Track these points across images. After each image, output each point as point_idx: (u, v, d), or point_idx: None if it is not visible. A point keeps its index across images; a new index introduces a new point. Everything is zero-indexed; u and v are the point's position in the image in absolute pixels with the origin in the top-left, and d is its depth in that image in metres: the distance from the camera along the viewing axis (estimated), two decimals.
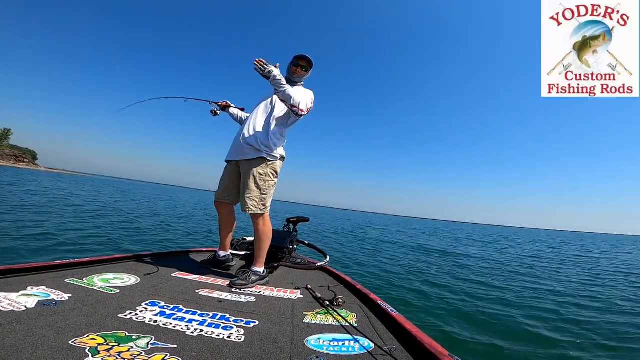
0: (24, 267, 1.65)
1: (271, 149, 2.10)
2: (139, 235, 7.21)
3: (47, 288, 1.46)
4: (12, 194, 11.57)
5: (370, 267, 6.66)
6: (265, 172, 2.10)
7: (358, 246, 10.34)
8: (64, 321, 1.14)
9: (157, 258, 2.42)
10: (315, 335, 1.28)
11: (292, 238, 2.96)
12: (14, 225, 5.90)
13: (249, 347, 1.12)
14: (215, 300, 1.63)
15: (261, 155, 2.09)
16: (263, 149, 2.09)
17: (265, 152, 2.09)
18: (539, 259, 11.65)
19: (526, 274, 7.54)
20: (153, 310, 1.38)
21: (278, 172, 2.19)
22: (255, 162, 2.10)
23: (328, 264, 2.70)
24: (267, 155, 2.10)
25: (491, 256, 11.21)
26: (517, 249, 15.97)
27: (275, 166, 2.15)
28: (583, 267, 9.94)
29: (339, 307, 1.65)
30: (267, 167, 2.11)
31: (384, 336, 1.33)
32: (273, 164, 2.13)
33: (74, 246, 5.18)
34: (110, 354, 0.95)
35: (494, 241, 20.72)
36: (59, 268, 1.79)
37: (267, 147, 2.09)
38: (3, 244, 4.56)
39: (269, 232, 2.14)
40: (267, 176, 2.11)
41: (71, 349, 0.95)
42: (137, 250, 5.58)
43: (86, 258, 2.02)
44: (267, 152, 2.10)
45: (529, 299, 5.01)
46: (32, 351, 0.91)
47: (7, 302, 1.23)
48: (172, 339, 1.11)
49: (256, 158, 2.10)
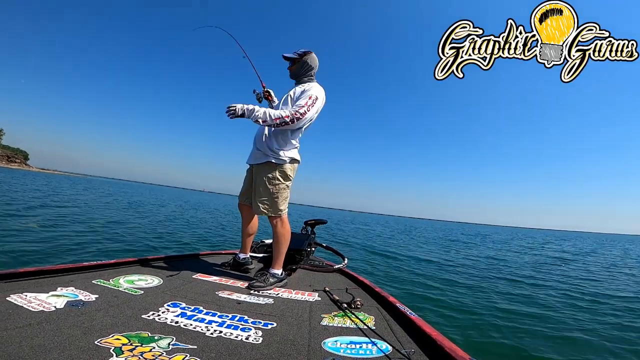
0: (54, 268, 1.73)
1: (278, 152, 2.10)
2: None
3: (75, 289, 1.53)
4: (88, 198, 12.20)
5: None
6: (273, 175, 2.11)
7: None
8: (90, 321, 1.19)
9: (179, 260, 2.49)
10: (332, 337, 1.27)
11: (310, 240, 2.96)
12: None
13: (267, 349, 1.13)
14: (234, 302, 1.65)
15: (269, 159, 2.11)
16: (269, 153, 2.11)
17: (272, 156, 2.11)
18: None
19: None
20: (174, 311, 1.42)
21: (289, 175, 2.15)
22: (264, 166, 2.14)
23: (346, 267, 2.68)
24: (275, 159, 2.10)
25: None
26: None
27: (284, 169, 2.12)
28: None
29: (356, 309, 1.63)
30: (276, 170, 2.11)
31: (402, 339, 1.30)
32: (282, 167, 2.12)
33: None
34: (133, 354, 0.98)
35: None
36: (87, 269, 1.88)
37: (273, 151, 2.11)
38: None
39: (287, 234, 2.15)
40: (276, 179, 2.11)
41: (97, 349, 0.98)
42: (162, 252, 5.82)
43: (112, 260, 2.10)
44: (274, 155, 2.11)
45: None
46: (59, 351, 0.95)
47: (37, 303, 1.29)
48: (192, 340, 1.14)
49: (265, 162, 2.13)
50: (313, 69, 2.26)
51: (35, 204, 10.43)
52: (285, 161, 2.12)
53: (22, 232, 5.84)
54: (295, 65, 2.25)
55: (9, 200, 10.45)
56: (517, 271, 8.21)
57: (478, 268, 8.32)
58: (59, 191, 19.42)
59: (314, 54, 2.26)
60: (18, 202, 10.26)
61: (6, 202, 9.83)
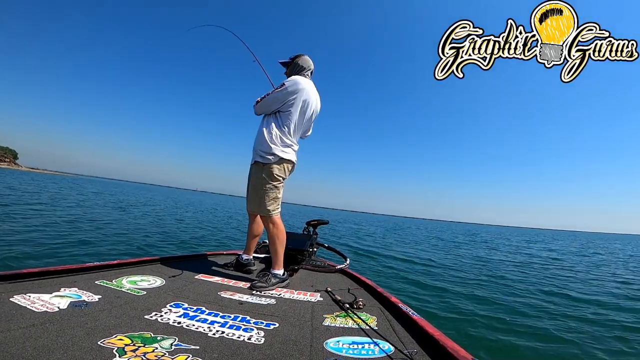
0: (58, 269, 1.74)
1: (264, 152, 2.12)
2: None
3: (78, 289, 1.53)
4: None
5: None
6: (260, 175, 2.13)
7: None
8: (93, 322, 1.19)
9: (181, 260, 2.50)
10: (334, 338, 1.28)
11: (312, 241, 2.96)
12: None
13: (269, 349, 1.13)
14: (236, 302, 1.66)
15: (256, 159, 2.16)
16: (259, 152, 2.15)
17: (259, 156, 2.14)
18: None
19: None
20: (177, 311, 1.42)
21: (277, 176, 2.13)
22: (255, 166, 2.19)
23: (348, 267, 2.68)
24: (262, 159, 2.13)
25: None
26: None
27: (271, 169, 2.11)
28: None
29: (359, 309, 1.63)
30: (262, 171, 2.13)
31: (405, 339, 1.30)
32: (269, 167, 2.11)
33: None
34: (136, 354, 0.99)
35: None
36: (90, 270, 1.89)
37: (259, 151, 2.14)
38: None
39: (281, 235, 2.15)
40: (263, 180, 2.12)
41: (100, 349, 0.99)
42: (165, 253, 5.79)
43: (115, 260, 2.11)
44: (261, 155, 2.13)
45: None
46: (63, 351, 0.95)
47: (40, 303, 1.30)
48: (194, 340, 1.14)
49: (255, 162, 2.19)
50: (304, 69, 2.30)
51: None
52: (270, 161, 2.11)
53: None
54: (289, 69, 2.34)
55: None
56: (493, 270, 8.35)
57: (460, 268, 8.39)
58: (38, 190, 18.65)
59: (306, 56, 2.33)
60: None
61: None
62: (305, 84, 2.18)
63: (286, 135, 2.15)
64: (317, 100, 2.29)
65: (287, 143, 2.15)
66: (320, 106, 2.35)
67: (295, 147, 2.22)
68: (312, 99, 2.22)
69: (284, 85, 2.13)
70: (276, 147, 2.11)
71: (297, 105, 2.14)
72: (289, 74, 2.31)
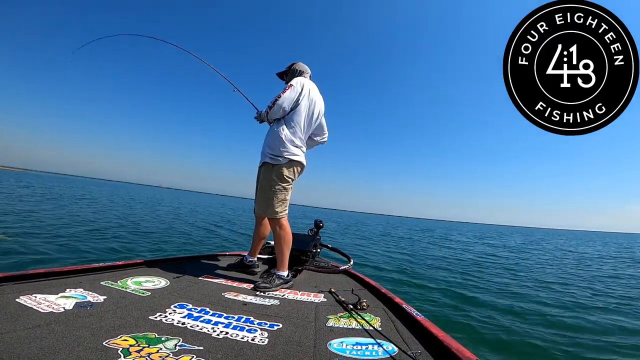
0: (63, 270, 1.76)
1: (273, 153, 2.12)
2: None
3: (84, 290, 1.55)
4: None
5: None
6: (269, 176, 2.13)
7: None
8: (98, 322, 1.20)
9: (186, 261, 2.51)
10: (338, 338, 1.27)
11: (315, 242, 2.96)
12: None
13: (272, 350, 1.13)
14: (240, 303, 1.66)
15: (266, 160, 2.16)
16: (267, 153, 2.15)
17: (268, 157, 2.14)
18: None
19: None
20: (181, 312, 1.43)
21: (286, 177, 2.13)
22: (263, 168, 2.19)
23: (352, 268, 2.67)
24: (272, 160, 2.13)
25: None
26: None
27: (281, 171, 2.11)
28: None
29: (362, 310, 1.62)
30: (272, 171, 2.13)
31: (409, 340, 1.29)
32: (278, 168, 2.12)
33: None
34: (140, 355, 0.99)
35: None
36: (95, 271, 1.90)
37: (272, 151, 2.13)
38: None
39: (287, 237, 2.14)
40: (272, 181, 2.12)
41: (105, 350, 0.99)
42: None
43: (120, 261, 2.13)
44: (271, 156, 2.13)
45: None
46: (68, 352, 0.96)
47: (46, 304, 1.31)
48: (198, 341, 1.14)
49: (264, 163, 2.18)
50: (303, 72, 2.33)
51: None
52: (280, 162, 2.11)
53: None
54: (287, 76, 2.37)
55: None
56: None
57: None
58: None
59: (301, 63, 2.38)
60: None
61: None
62: (310, 83, 2.22)
63: (296, 136, 2.17)
64: (321, 100, 2.31)
65: (296, 144, 2.16)
66: (324, 107, 2.36)
67: (304, 148, 2.24)
68: (317, 99, 2.26)
69: (292, 86, 2.14)
70: (286, 149, 2.12)
71: (305, 105, 2.16)
72: (288, 81, 2.30)
